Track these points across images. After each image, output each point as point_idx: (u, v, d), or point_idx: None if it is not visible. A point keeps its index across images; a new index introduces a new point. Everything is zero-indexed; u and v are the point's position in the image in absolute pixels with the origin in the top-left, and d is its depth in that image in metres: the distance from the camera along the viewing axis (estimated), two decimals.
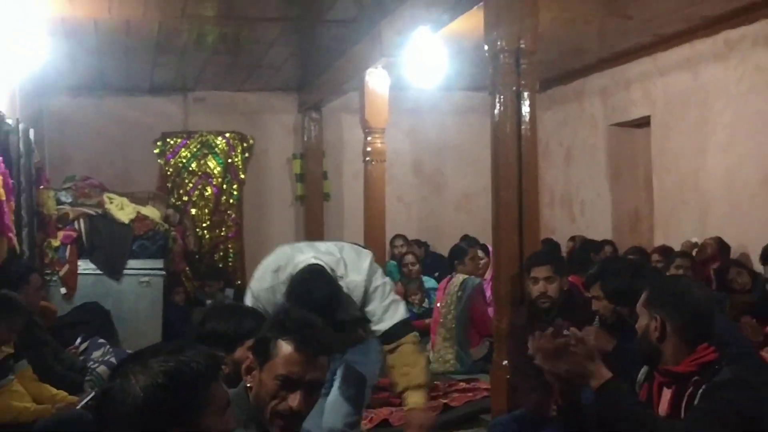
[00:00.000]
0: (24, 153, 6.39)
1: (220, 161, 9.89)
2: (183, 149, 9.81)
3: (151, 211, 7.98)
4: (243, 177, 10.00)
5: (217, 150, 9.88)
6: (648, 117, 8.26)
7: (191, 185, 9.86)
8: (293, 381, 2.32)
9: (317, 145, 9.94)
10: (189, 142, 9.83)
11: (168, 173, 9.80)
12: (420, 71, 6.83)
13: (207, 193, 9.89)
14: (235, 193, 9.97)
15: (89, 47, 7.42)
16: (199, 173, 9.86)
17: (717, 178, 7.26)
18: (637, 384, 3.01)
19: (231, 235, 9.91)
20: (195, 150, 9.84)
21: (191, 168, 9.84)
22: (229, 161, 9.90)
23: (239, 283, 9.13)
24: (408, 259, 8.14)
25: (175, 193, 9.75)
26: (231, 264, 9.86)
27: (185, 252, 8.66)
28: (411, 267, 8.06)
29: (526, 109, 4.69)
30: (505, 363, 4.66)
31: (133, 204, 7.90)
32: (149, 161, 9.74)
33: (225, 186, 9.92)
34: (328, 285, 3.71)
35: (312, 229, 9.64)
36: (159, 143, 9.78)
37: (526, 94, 4.69)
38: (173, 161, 9.80)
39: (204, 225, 9.84)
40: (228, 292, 8.73)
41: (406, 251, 8.64)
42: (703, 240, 6.95)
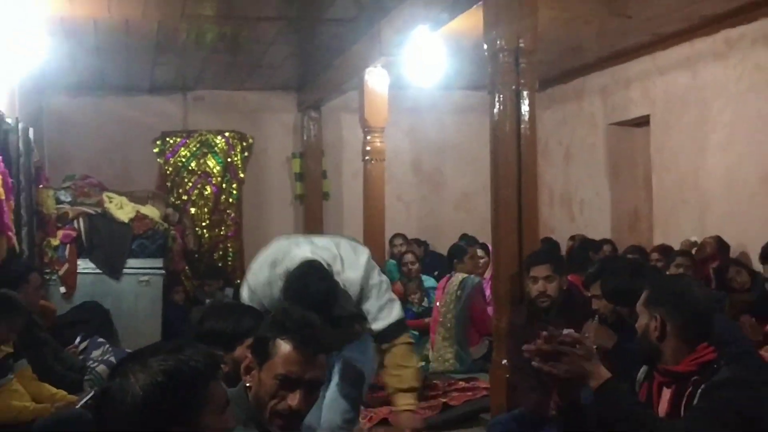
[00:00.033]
0: (23, 152, 6.39)
1: (219, 160, 9.88)
2: (182, 148, 9.80)
3: (151, 211, 7.97)
4: (242, 176, 10.00)
5: (217, 149, 9.87)
6: (647, 116, 8.25)
7: (191, 184, 9.85)
8: (292, 380, 2.32)
9: (317, 144, 9.93)
10: (188, 141, 9.82)
11: (167, 172, 9.79)
12: (419, 70, 6.84)
13: (206, 193, 9.88)
14: (235, 193, 9.97)
15: (89, 46, 7.42)
16: (199, 172, 9.85)
17: (716, 177, 7.25)
18: (637, 383, 3.00)
19: (230, 235, 9.91)
20: (194, 149, 9.83)
21: (191, 167, 9.83)
22: (229, 160, 9.89)
23: (238, 282, 9.07)
24: (407, 258, 8.14)
25: (175, 193, 9.75)
26: (230, 263, 9.85)
27: (185, 251, 8.66)
28: (410, 266, 8.06)
29: (525, 108, 4.68)
30: (505, 362, 4.66)
31: (133, 203, 7.90)
32: (149, 160, 9.73)
33: (224, 185, 9.92)
34: (324, 281, 3.71)
35: (311, 229, 9.62)
36: (158, 142, 9.77)
37: (525, 93, 4.69)
38: (173, 160, 9.79)
39: (203, 224, 9.83)
40: (227, 291, 8.72)
41: (405, 250, 8.63)
42: (703, 239, 6.94)
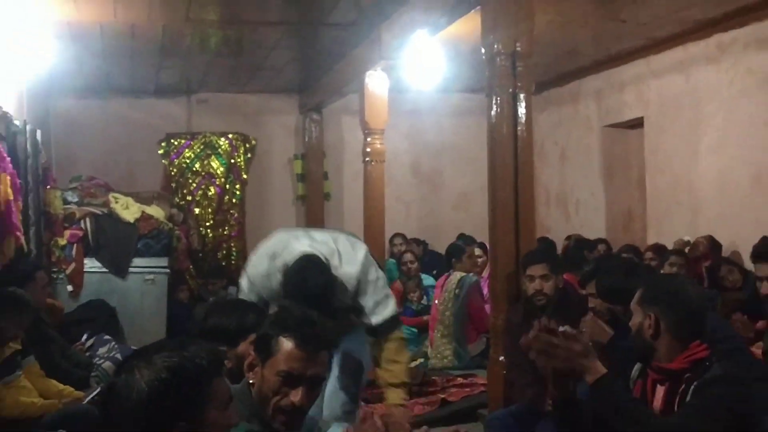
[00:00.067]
0: (31, 153, 6.40)
1: (223, 162, 9.89)
2: (187, 150, 9.81)
3: (156, 211, 7.99)
4: (245, 177, 10.00)
5: (220, 151, 9.87)
6: (641, 118, 8.25)
7: (195, 185, 9.86)
8: (295, 377, 2.33)
9: (318, 146, 9.94)
10: (193, 142, 9.82)
11: (172, 173, 9.79)
12: (418, 74, 6.83)
13: (210, 193, 9.89)
14: (238, 193, 9.97)
15: (95, 50, 7.43)
16: (203, 173, 9.86)
17: (709, 178, 7.26)
18: (631, 381, 3.01)
19: (234, 234, 9.91)
20: (198, 151, 9.84)
21: (195, 168, 9.84)
22: (232, 162, 9.90)
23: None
24: (407, 258, 8.14)
25: (179, 193, 9.75)
26: (234, 262, 9.84)
27: (189, 250, 8.67)
28: (410, 265, 8.06)
29: (522, 111, 4.69)
30: (502, 359, 4.67)
31: (138, 203, 7.91)
32: (154, 162, 9.74)
33: (228, 186, 9.92)
34: (322, 274, 3.73)
35: None
36: (163, 144, 9.78)
37: (522, 95, 4.69)
38: (177, 162, 9.80)
39: (207, 224, 9.84)
40: (231, 289, 8.72)
41: (405, 250, 8.63)
42: (695, 238, 6.94)
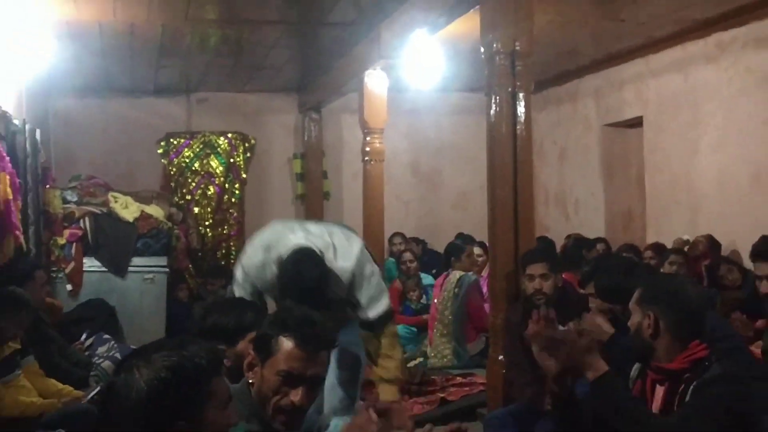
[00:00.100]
0: (30, 153, 6.38)
1: (222, 161, 9.87)
2: (186, 149, 9.80)
3: (155, 210, 7.97)
4: (245, 176, 9.99)
5: (220, 150, 9.86)
6: (640, 117, 8.24)
7: (194, 184, 9.84)
8: (295, 376, 2.31)
9: (317, 145, 9.92)
10: (192, 142, 9.81)
11: (171, 173, 9.78)
12: (418, 73, 6.82)
13: (209, 192, 9.87)
14: (237, 192, 9.96)
15: (94, 49, 7.40)
16: (202, 173, 9.85)
17: (708, 177, 7.25)
18: (630, 381, 2.99)
19: (233, 234, 9.89)
20: (198, 150, 9.83)
21: (194, 167, 9.83)
22: (231, 161, 9.88)
23: None
24: (406, 257, 8.12)
25: (179, 192, 9.74)
26: (233, 261, 9.81)
27: (188, 250, 8.65)
28: (409, 264, 8.04)
29: (521, 110, 4.68)
30: (501, 358, 4.66)
31: (138, 203, 7.90)
32: (153, 161, 9.72)
33: (227, 185, 9.91)
34: (317, 267, 3.74)
35: None
36: (163, 143, 9.76)
37: (521, 95, 4.68)
38: (176, 161, 9.78)
39: (207, 223, 9.82)
40: (230, 289, 8.70)
41: (404, 249, 8.62)
42: (695, 238, 6.93)
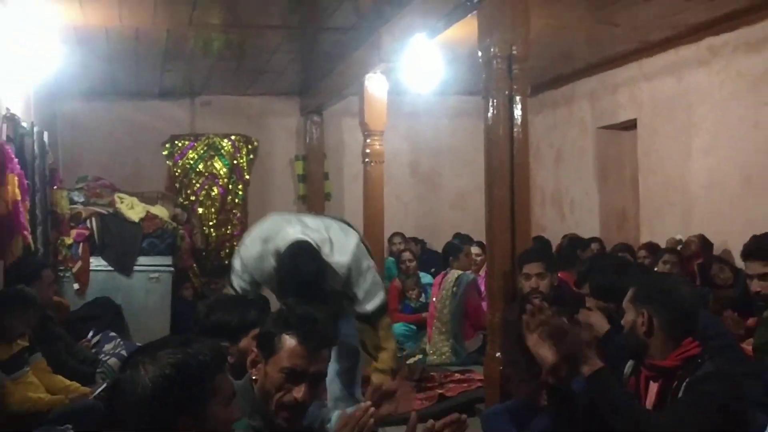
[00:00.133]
0: (38, 155, 6.39)
1: (225, 163, 9.88)
2: (190, 151, 9.81)
3: (160, 211, 7.98)
4: (248, 178, 10.00)
5: (223, 152, 9.87)
6: (634, 120, 8.24)
7: (198, 185, 9.86)
8: (298, 373, 2.32)
9: (319, 147, 9.94)
10: (196, 144, 9.82)
11: (176, 174, 9.79)
12: (417, 76, 6.82)
13: (213, 193, 9.88)
14: (240, 193, 9.97)
15: (101, 54, 7.41)
16: (206, 174, 9.86)
17: (700, 179, 7.25)
18: (624, 377, 3.00)
19: (236, 234, 9.87)
20: (202, 152, 9.84)
21: (198, 169, 9.84)
22: (235, 162, 9.90)
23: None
24: (405, 256, 8.13)
25: (183, 193, 9.75)
26: None
27: (193, 249, 8.65)
28: (408, 263, 8.05)
29: (517, 113, 4.68)
30: (498, 355, 4.66)
31: (143, 203, 7.90)
32: (158, 162, 9.73)
33: (230, 186, 9.92)
34: (314, 262, 3.75)
35: None
36: (167, 145, 9.77)
37: (517, 98, 4.68)
38: (181, 162, 9.79)
39: (210, 223, 9.84)
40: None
41: (403, 248, 8.63)
42: (687, 237, 6.94)
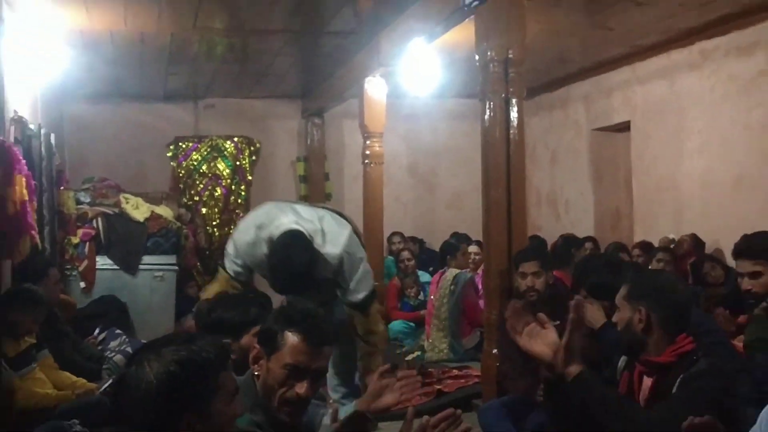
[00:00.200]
0: (45, 156, 6.38)
1: (228, 164, 9.88)
2: (194, 152, 9.80)
3: (165, 211, 7.97)
4: (250, 178, 9.99)
5: (226, 153, 9.87)
6: (628, 122, 8.24)
7: (202, 186, 9.85)
8: (301, 370, 2.31)
9: (320, 149, 9.94)
10: (200, 145, 9.82)
11: (180, 175, 9.79)
12: (415, 80, 6.82)
13: (217, 194, 9.88)
14: (243, 194, 9.96)
15: (106, 57, 7.41)
16: (210, 175, 9.85)
17: (692, 179, 7.26)
18: (618, 372, 3.00)
19: None
20: (205, 153, 9.84)
21: (202, 170, 9.83)
22: (238, 164, 9.89)
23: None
24: (404, 255, 8.13)
25: (187, 194, 9.75)
26: None
27: (196, 248, 8.65)
28: (407, 262, 8.05)
29: (514, 115, 4.68)
30: (495, 352, 4.67)
31: (148, 204, 7.90)
32: (162, 164, 9.72)
33: (233, 187, 9.91)
34: (306, 251, 3.76)
35: None
36: (172, 147, 9.76)
37: (514, 100, 4.68)
38: (185, 164, 9.79)
39: (214, 223, 9.83)
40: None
41: (402, 247, 8.63)
42: (680, 236, 6.94)
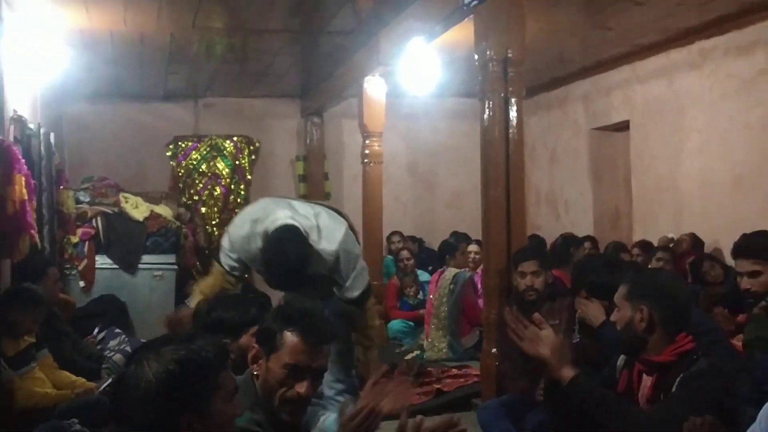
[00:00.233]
0: (45, 155, 6.36)
1: (228, 163, 9.86)
2: (194, 152, 9.79)
3: (164, 210, 7.96)
4: (249, 178, 9.98)
5: (226, 152, 9.85)
6: (627, 121, 8.24)
7: (201, 185, 9.84)
8: (301, 369, 2.30)
9: (319, 148, 9.93)
10: (199, 145, 9.81)
11: (179, 174, 9.77)
12: (415, 79, 6.80)
13: (216, 193, 9.86)
14: (243, 193, 9.95)
15: (106, 57, 7.40)
16: (209, 174, 9.84)
17: (691, 178, 7.25)
18: (617, 370, 2.98)
19: None
20: (205, 153, 9.82)
21: (201, 169, 9.82)
22: (237, 163, 9.88)
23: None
24: (403, 255, 8.12)
25: (186, 193, 9.74)
26: None
27: (196, 248, 8.63)
28: (406, 261, 8.04)
29: (513, 114, 4.68)
30: (494, 351, 4.66)
31: (147, 203, 7.89)
32: (162, 163, 9.71)
33: (233, 186, 9.90)
34: (300, 246, 3.74)
35: None
36: (171, 146, 9.75)
37: (513, 100, 4.68)
38: (184, 163, 9.78)
39: (213, 222, 9.81)
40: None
41: (401, 247, 8.62)
42: (679, 236, 6.94)
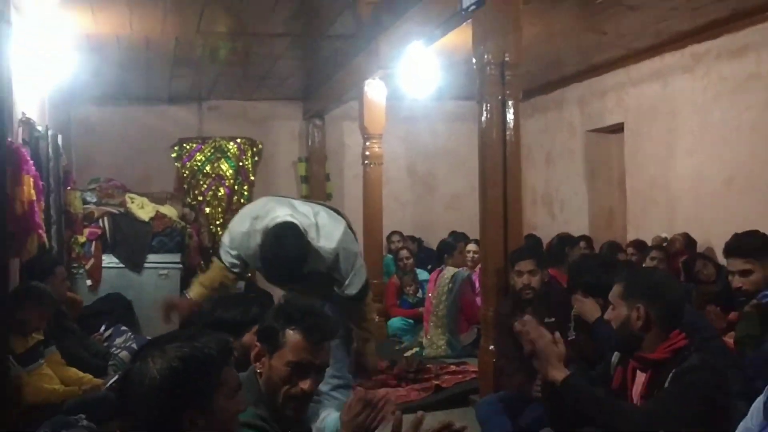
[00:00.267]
0: (53, 157, 6.37)
1: (231, 164, 9.87)
2: (198, 153, 9.79)
3: (169, 210, 7.97)
4: (253, 179, 9.98)
5: (229, 154, 9.86)
6: (621, 124, 8.24)
7: (205, 186, 9.84)
8: (304, 366, 2.30)
9: (320, 150, 9.93)
10: (203, 147, 9.81)
11: (184, 175, 9.77)
12: (414, 82, 6.81)
13: (220, 194, 9.87)
14: (246, 194, 9.94)
15: (112, 61, 7.41)
16: (213, 175, 9.84)
17: (684, 179, 7.26)
18: (611, 367, 2.99)
19: None
20: (209, 154, 9.82)
21: (205, 170, 9.82)
22: (240, 164, 9.88)
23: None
24: (403, 254, 8.12)
25: (191, 194, 9.73)
26: None
27: (200, 247, 8.64)
28: (406, 261, 8.04)
29: (510, 117, 4.68)
30: (492, 348, 4.66)
31: (153, 203, 7.89)
32: (167, 164, 9.72)
33: (236, 187, 9.90)
34: (298, 243, 3.75)
35: None
36: (176, 148, 9.75)
37: (510, 102, 4.68)
38: (189, 164, 9.78)
39: (217, 222, 9.80)
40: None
41: (401, 246, 8.62)
42: (672, 235, 6.95)
